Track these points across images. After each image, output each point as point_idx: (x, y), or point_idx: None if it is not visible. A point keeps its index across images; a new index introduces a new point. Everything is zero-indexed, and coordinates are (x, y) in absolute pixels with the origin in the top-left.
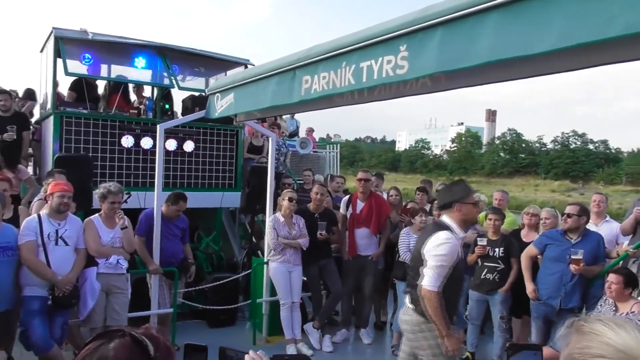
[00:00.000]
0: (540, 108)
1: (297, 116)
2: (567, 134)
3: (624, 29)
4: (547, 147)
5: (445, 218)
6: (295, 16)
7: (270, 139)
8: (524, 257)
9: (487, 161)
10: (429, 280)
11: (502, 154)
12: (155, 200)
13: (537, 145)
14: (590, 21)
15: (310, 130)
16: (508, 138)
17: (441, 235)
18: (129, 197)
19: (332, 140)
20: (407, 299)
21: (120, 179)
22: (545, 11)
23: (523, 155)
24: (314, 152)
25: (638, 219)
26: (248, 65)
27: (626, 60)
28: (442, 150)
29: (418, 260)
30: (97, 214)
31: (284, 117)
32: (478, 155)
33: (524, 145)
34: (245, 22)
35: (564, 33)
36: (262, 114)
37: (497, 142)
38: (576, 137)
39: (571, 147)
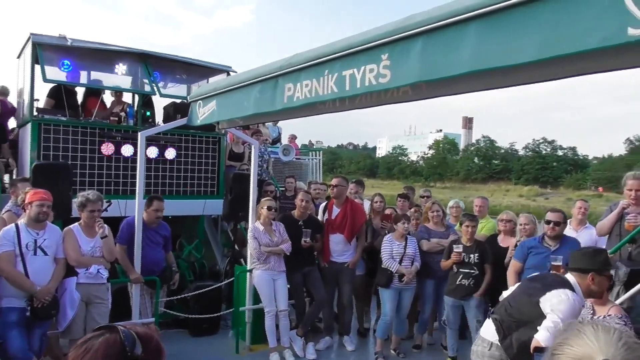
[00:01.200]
0: (518, 114)
1: (279, 123)
2: (538, 140)
3: (600, 41)
4: (520, 153)
5: (571, 278)
6: (275, 22)
7: (252, 146)
8: (510, 274)
9: (462, 167)
10: (545, 336)
11: (476, 160)
12: (137, 208)
13: (509, 151)
14: (568, 33)
15: (292, 137)
16: (482, 145)
17: (568, 294)
18: (109, 206)
19: (314, 147)
20: (489, 330)
21: (101, 187)
22: (523, 23)
23: (496, 162)
24: (296, 159)
25: (629, 229)
26: (230, 73)
27: (604, 71)
28: (418, 156)
29: (528, 304)
30: (76, 223)
31: (266, 124)
32: (453, 162)
33: (497, 151)
34: (228, 29)
35: (542, 44)
36: (245, 122)
37: (472, 148)
38: (546, 144)
39: (542, 153)
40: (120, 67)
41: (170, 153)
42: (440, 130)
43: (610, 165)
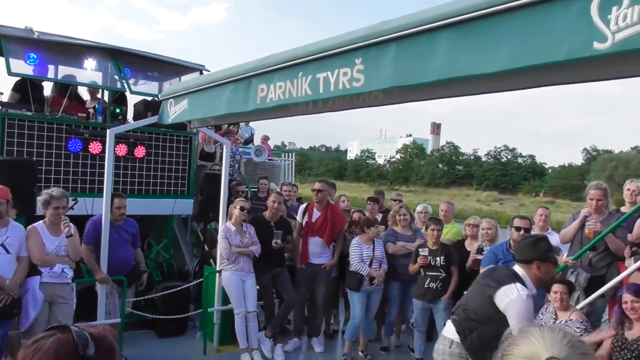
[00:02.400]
0: (487, 122)
1: (252, 123)
2: (499, 148)
3: (567, 54)
4: (482, 159)
5: (520, 270)
6: (250, 21)
7: (224, 146)
8: None
9: (426, 172)
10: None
11: (440, 166)
12: (104, 207)
13: (472, 158)
14: (537, 45)
15: (265, 138)
16: (447, 151)
17: (518, 289)
18: (75, 204)
19: (287, 148)
20: (450, 329)
21: (67, 184)
22: (494, 33)
23: (460, 167)
24: (268, 160)
25: (589, 237)
26: (203, 72)
27: (571, 83)
28: (385, 160)
29: (483, 304)
30: (41, 221)
31: (238, 124)
32: (419, 166)
33: (460, 157)
34: (203, 26)
35: (512, 55)
36: (217, 121)
37: (436, 154)
38: (507, 151)
39: (502, 160)
40: (90, 63)
41: (140, 151)
42: (410, 135)
43: (565, 174)
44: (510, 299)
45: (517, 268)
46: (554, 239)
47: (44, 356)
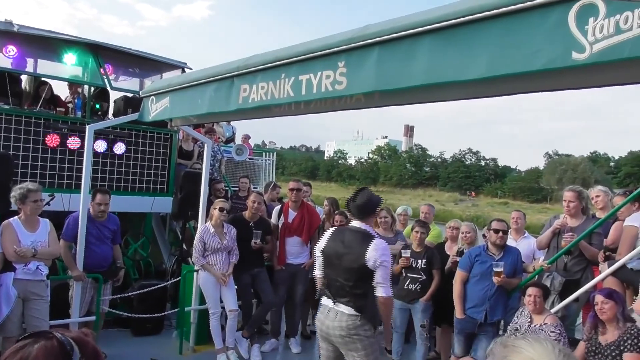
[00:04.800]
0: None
1: (233, 122)
2: (464, 150)
3: (546, 63)
4: (448, 162)
5: (364, 226)
6: (233, 20)
7: (206, 145)
8: (456, 283)
9: (394, 173)
10: (384, 288)
11: (408, 166)
12: (81, 203)
13: (438, 160)
14: (516, 53)
15: (246, 137)
16: (415, 152)
17: (380, 243)
18: (52, 199)
19: (267, 147)
20: (343, 307)
21: (44, 179)
22: (474, 41)
23: (427, 169)
24: (249, 159)
25: (555, 232)
26: (185, 69)
27: (549, 90)
28: (356, 161)
29: (359, 271)
30: (16, 217)
31: (220, 123)
32: (387, 167)
33: (428, 159)
34: (186, 24)
35: (492, 62)
36: (199, 120)
37: (404, 155)
38: (471, 154)
39: (466, 162)
40: (70, 57)
41: (120, 148)
42: (386, 137)
43: (524, 177)
44: (375, 254)
45: (362, 225)
46: (531, 242)
47: None
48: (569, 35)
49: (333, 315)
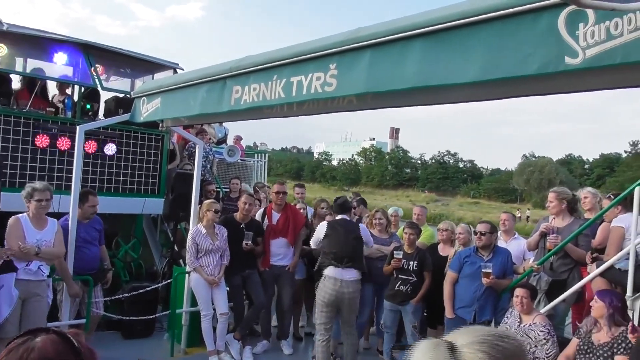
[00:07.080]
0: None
1: (225, 123)
2: (442, 152)
3: (539, 67)
4: (427, 163)
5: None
6: (224, 20)
7: (197, 146)
8: (447, 284)
9: (376, 174)
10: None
11: (390, 167)
12: (71, 204)
13: (418, 162)
14: (509, 58)
15: (238, 138)
16: (395, 154)
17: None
18: None
19: (259, 149)
20: (348, 273)
21: (33, 180)
22: (467, 44)
23: (408, 170)
24: (241, 160)
25: (542, 234)
26: (177, 70)
27: (542, 94)
28: (339, 162)
29: (354, 243)
30: (24, 213)
31: (212, 124)
32: (369, 168)
33: (409, 161)
34: (180, 24)
35: (484, 66)
36: (190, 121)
37: (386, 157)
38: (449, 156)
39: (445, 164)
40: (61, 57)
41: (110, 149)
42: (374, 139)
43: (499, 178)
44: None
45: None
46: (521, 243)
47: (43, 353)
48: (561, 39)
49: (350, 281)
